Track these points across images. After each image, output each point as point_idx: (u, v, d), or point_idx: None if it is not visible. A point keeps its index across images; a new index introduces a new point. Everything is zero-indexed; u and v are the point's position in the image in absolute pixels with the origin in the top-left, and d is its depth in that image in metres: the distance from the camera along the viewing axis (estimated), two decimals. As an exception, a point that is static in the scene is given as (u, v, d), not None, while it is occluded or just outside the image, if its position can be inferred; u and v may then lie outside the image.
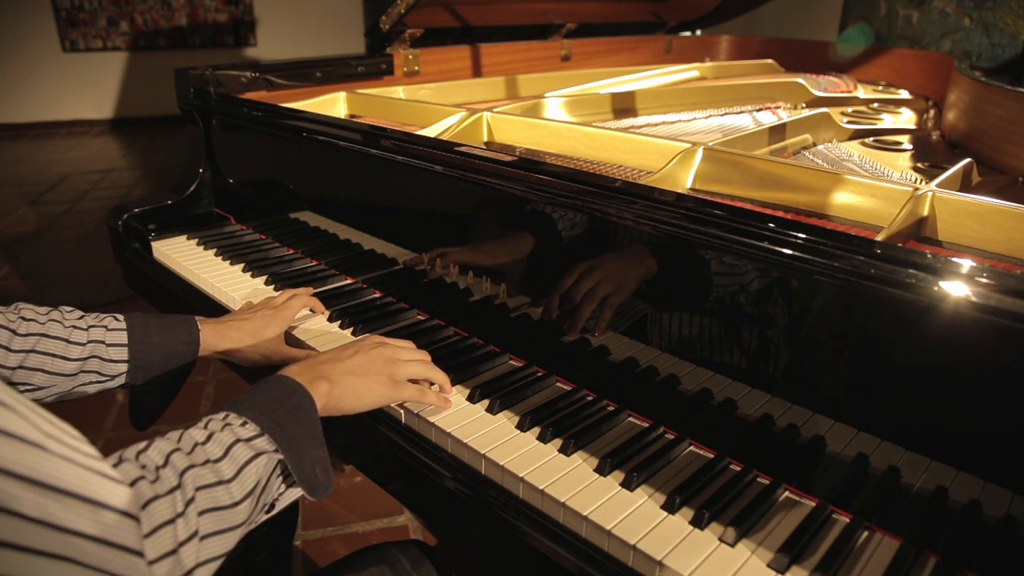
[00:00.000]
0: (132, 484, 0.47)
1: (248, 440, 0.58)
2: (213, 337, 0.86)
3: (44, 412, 0.43)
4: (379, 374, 0.75)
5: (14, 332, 0.73)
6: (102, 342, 0.77)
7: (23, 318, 0.75)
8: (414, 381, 0.80)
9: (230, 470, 0.55)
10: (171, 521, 0.49)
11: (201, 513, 0.51)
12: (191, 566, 0.49)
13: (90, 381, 0.78)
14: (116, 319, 0.80)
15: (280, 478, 0.62)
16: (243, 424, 0.59)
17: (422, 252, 1.04)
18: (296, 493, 0.64)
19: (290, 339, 0.96)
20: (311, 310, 1.03)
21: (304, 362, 0.73)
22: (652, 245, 0.77)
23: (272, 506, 0.63)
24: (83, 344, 0.76)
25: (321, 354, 0.76)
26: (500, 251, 0.93)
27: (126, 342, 0.79)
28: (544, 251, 0.89)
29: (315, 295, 1.06)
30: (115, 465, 0.50)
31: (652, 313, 0.79)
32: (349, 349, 0.77)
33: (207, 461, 0.54)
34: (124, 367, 0.79)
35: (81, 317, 0.79)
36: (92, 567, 0.42)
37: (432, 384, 0.82)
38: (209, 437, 0.57)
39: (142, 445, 0.54)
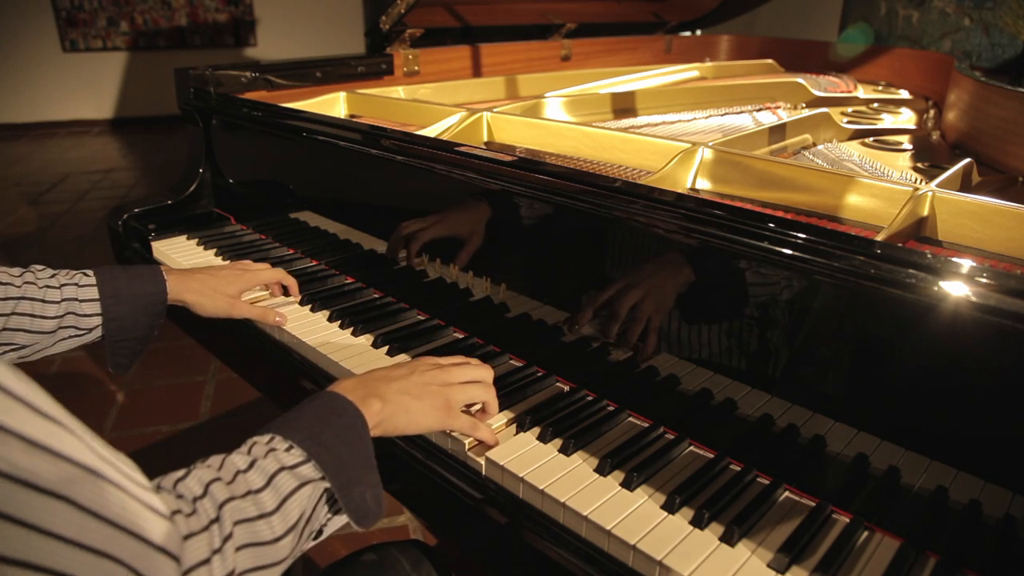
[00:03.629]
0: (170, 517, 0.46)
1: (293, 467, 0.55)
2: (177, 286, 0.91)
3: (100, 440, 0.42)
4: (435, 397, 0.71)
5: None
6: (75, 299, 0.82)
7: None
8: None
9: (272, 501, 0.53)
10: (207, 561, 0.46)
11: (239, 548, 0.49)
12: None
13: (69, 336, 0.83)
14: (86, 275, 0.85)
15: (326, 506, 0.59)
16: (288, 449, 0.56)
17: (418, 253, 1.04)
18: (345, 518, 0.61)
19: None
20: (286, 291, 1.07)
21: (356, 378, 0.70)
22: (652, 246, 0.77)
23: (320, 532, 0.60)
24: (58, 302, 0.81)
25: (374, 371, 0.72)
26: (498, 250, 0.93)
27: (98, 296, 0.84)
28: (543, 251, 0.89)
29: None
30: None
31: (652, 313, 0.79)
32: (404, 368, 0.74)
33: (248, 492, 0.52)
34: (98, 320, 0.84)
35: (53, 275, 0.83)
36: None
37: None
38: (252, 464, 0.54)
39: (181, 473, 0.52)
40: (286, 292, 1.07)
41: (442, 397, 0.72)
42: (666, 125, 1.38)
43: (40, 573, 0.36)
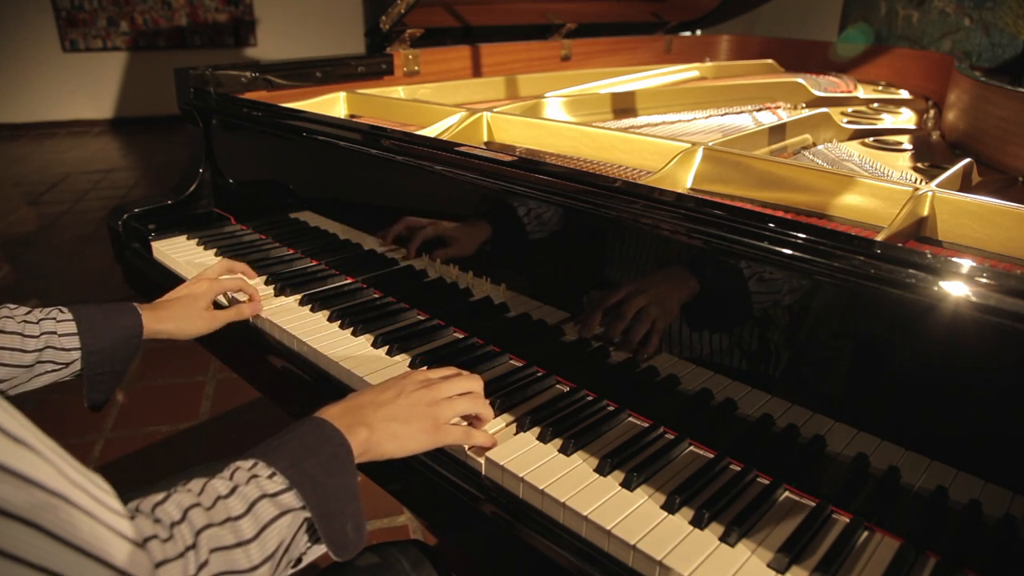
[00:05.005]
0: (144, 542, 0.45)
1: (274, 495, 0.55)
2: (152, 321, 0.92)
3: (74, 462, 0.41)
4: (422, 419, 0.71)
5: None
6: (54, 332, 0.83)
7: None
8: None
9: (251, 529, 0.52)
10: None
11: None
12: None
13: (47, 371, 0.83)
14: (61, 311, 0.85)
15: (306, 535, 0.58)
16: (271, 476, 0.56)
17: (417, 252, 1.04)
18: (324, 548, 0.60)
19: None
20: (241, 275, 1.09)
21: (343, 404, 0.69)
22: (652, 246, 0.77)
23: (299, 560, 0.60)
24: (36, 336, 0.81)
25: (360, 395, 0.71)
26: (498, 250, 0.93)
27: (76, 331, 0.84)
28: (543, 251, 0.89)
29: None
30: (131, 518, 0.46)
31: (652, 314, 0.79)
32: (391, 390, 0.72)
33: (227, 519, 0.52)
34: (77, 353, 0.84)
35: (28, 312, 0.84)
36: None
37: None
38: (233, 490, 0.54)
39: (160, 496, 0.51)
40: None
41: (430, 418, 0.71)
42: (666, 125, 1.38)
43: None
